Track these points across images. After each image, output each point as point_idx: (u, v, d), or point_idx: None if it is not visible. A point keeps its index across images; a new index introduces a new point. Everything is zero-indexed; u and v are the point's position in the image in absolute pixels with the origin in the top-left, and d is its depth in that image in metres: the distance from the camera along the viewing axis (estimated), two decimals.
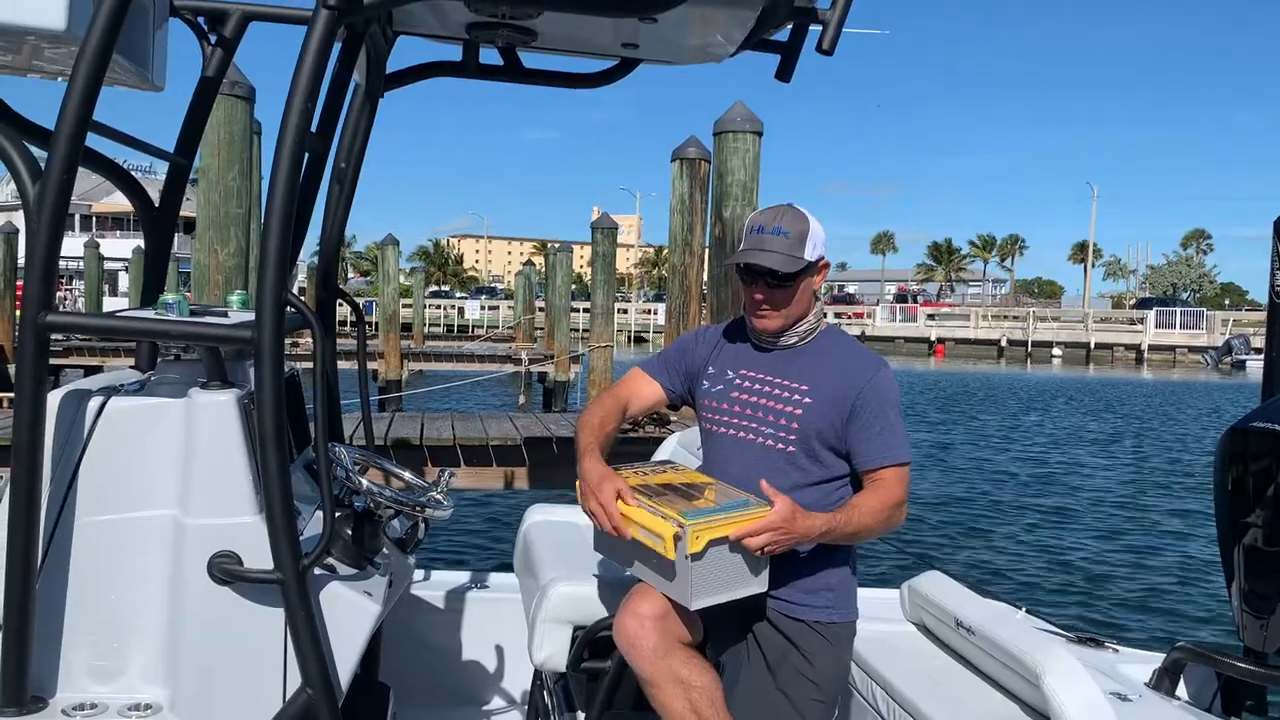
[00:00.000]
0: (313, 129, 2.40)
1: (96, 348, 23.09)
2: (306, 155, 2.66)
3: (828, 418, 2.62)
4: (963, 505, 14.92)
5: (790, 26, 2.65)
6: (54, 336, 2.17)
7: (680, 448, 3.66)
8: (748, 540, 2.38)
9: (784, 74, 2.73)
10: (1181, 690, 3.50)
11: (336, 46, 2.52)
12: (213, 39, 2.70)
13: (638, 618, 2.50)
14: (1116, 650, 3.68)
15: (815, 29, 2.45)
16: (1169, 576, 11.22)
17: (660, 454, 3.67)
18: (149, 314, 2.32)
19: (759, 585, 2.51)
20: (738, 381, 2.76)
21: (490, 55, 3.03)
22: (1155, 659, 3.60)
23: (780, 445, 2.65)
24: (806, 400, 2.64)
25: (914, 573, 3.56)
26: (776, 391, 2.69)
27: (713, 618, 2.58)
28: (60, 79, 2.45)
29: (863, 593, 2.90)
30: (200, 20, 2.68)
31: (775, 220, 2.65)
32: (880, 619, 3.37)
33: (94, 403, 2.24)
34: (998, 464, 19.26)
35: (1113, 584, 10.87)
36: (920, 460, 18.71)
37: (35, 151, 2.18)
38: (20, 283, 25.69)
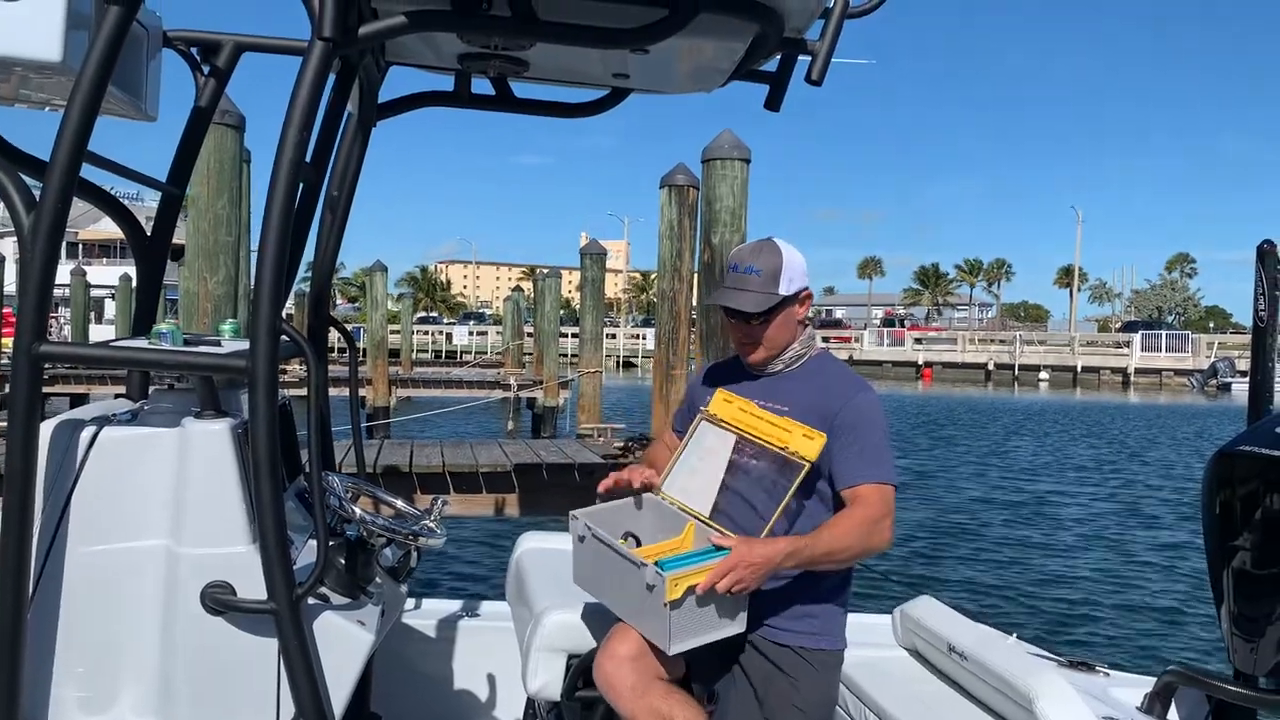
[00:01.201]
0: (307, 159, 2.42)
1: (82, 375, 22.97)
2: (301, 185, 2.67)
3: None
4: (953, 531, 14.92)
5: (779, 57, 2.68)
6: None
7: None
8: (718, 585, 2.39)
9: (773, 104, 2.76)
10: (1173, 714, 3.50)
11: (331, 77, 2.54)
12: (205, 69, 2.72)
13: (614, 659, 2.52)
14: (1108, 674, 3.69)
15: (804, 59, 2.49)
16: (1159, 600, 11.24)
17: None
18: (143, 343, 2.32)
19: (737, 626, 2.52)
20: None
21: (482, 85, 3.06)
22: (1146, 683, 3.61)
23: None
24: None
25: (906, 598, 3.57)
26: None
27: (701, 648, 2.58)
28: (48, 109, 2.47)
29: (855, 618, 2.91)
30: (193, 51, 2.70)
31: (750, 259, 2.70)
32: (873, 644, 3.36)
33: (87, 432, 2.24)
34: (986, 489, 19.29)
35: (1103, 608, 10.88)
36: (909, 486, 18.73)
37: (29, 181, 2.19)
38: (8, 310, 25.67)
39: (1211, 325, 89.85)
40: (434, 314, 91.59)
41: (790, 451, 2.53)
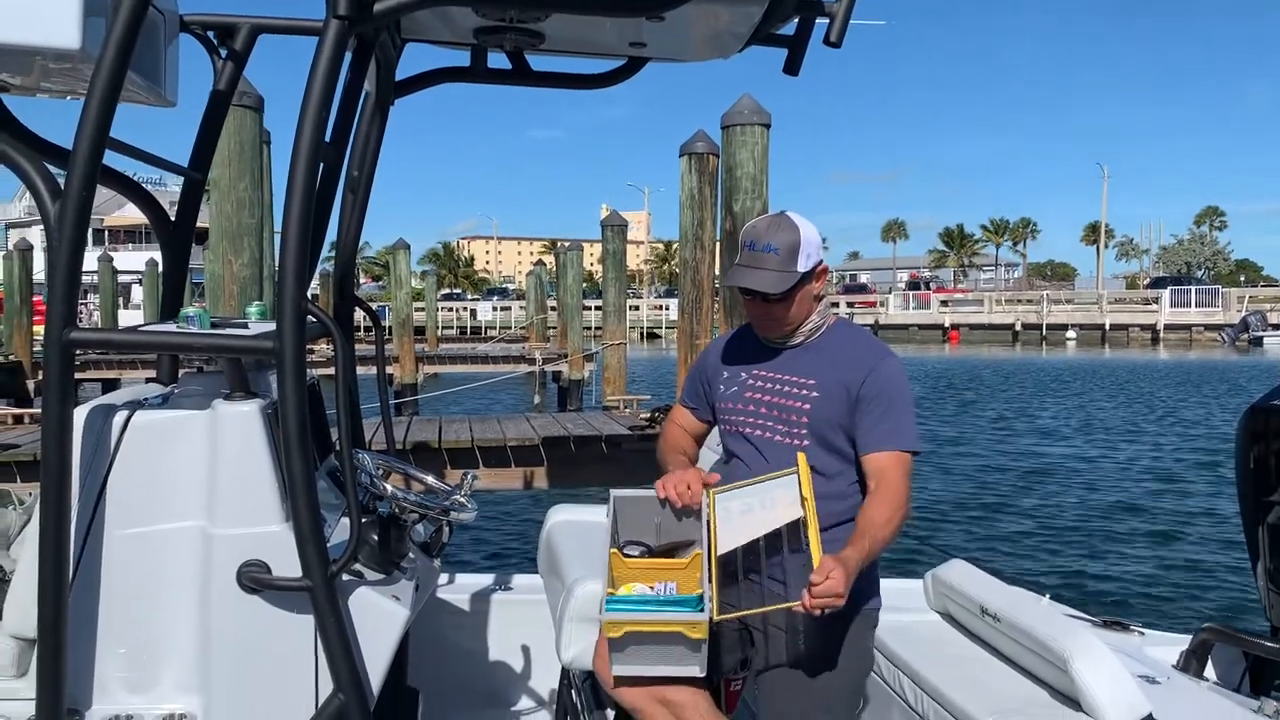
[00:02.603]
0: (326, 139, 2.42)
1: (113, 360, 23.23)
2: (321, 165, 2.67)
3: (835, 410, 2.63)
4: (983, 495, 14.87)
5: (797, 20, 2.65)
6: None
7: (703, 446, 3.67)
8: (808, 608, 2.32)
9: (792, 67, 2.73)
10: (1209, 671, 3.50)
11: (347, 57, 2.54)
12: (223, 53, 2.71)
13: (601, 657, 2.56)
14: (1143, 633, 3.68)
15: (822, 22, 2.46)
16: (1193, 558, 11.16)
17: None
18: (171, 328, 2.34)
19: (693, 670, 2.44)
20: (750, 381, 2.78)
21: (498, 59, 3.04)
22: (1182, 641, 3.60)
23: (793, 441, 2.66)
24: (814, 395, 2.65)
25: (937, 562, 3.56)
26: (785, 388, 2.70)
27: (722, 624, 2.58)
28: (69, 98, 2.48)
29: (887, 583, 2.90)
30: (210, 34, 2.70)
31: (766, 235, 2.65)
32: (905, 608, 3.37)
33: (119, 417, 2.27)
34: (1016, 451, 19.20)
35: (1136, 568, 10.83)
36: (938, 450, 18.67)
37: (54, 169, 2.21)
38: (38, 298, 25.95)
39: (1242, 279, 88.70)
40: (458, 290, 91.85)
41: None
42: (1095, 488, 15.45)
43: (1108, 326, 60.11)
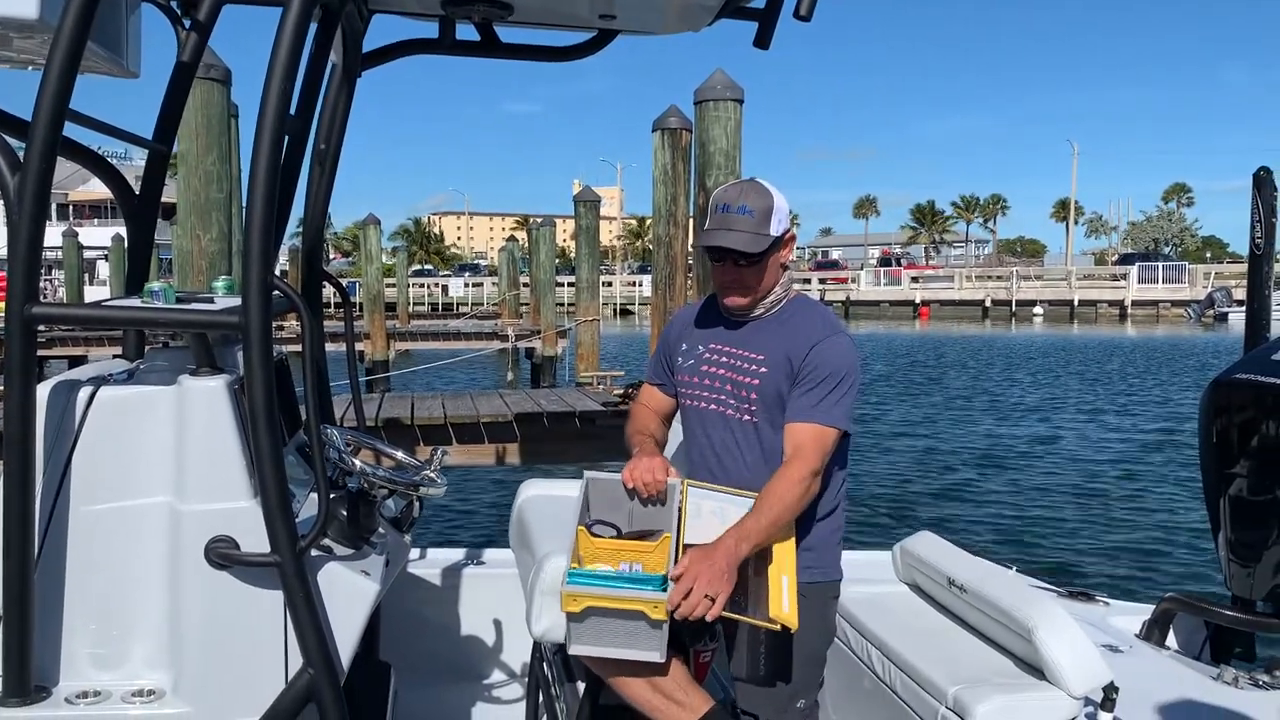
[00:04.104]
0: (292, 111, 2.39)
1: (80, 337, 22.96)
2: (287, 138, 2.64)
3: (781, 385, 2.63)
4: (951, 467, 15.02)
5: None
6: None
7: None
8: (681, 611, 2.31)
9: (762, 41, 2.73)
10: (1171, 640, 3.56)
11: (313, 27, 2.50)
12: (186, 23, 2.67)
13: None
14: (1107, 603, 3.74)
15: None
16: (1157, 530, 11.34)
17: None
18: (135, 303, 2.31)
19: (653, 654, 2.40)
20: (706, 355, 2.77)
21: (467, 31, 3.02)
22: (1145, 611, 3.66)
23: (744, 416, 2.67)
24: (763, 370, 2.65)
25: (906, 534, 3.60)
26: (737, 363, 2.70)
27: None
28: (30, 68, 2.44)
29: (855, 555, 2.93)
30: (173, 4, 2.65)
31: (740, 198, 2.62)
32: (873, 580, 3.40)
33: (84, 393, 2.24)
34: (984, 426, 19.38)
35: (1101, 540, 10.98)
36: (906, 425, 18.84)
37: (12, 142, 2.17)
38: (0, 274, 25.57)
39: (1209, 255, 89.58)
40: (429, 267, 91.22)
41: (770, 617, 2.39)
42: (1062, 462, 15.63)
43: (1076, 303, 60.65)
